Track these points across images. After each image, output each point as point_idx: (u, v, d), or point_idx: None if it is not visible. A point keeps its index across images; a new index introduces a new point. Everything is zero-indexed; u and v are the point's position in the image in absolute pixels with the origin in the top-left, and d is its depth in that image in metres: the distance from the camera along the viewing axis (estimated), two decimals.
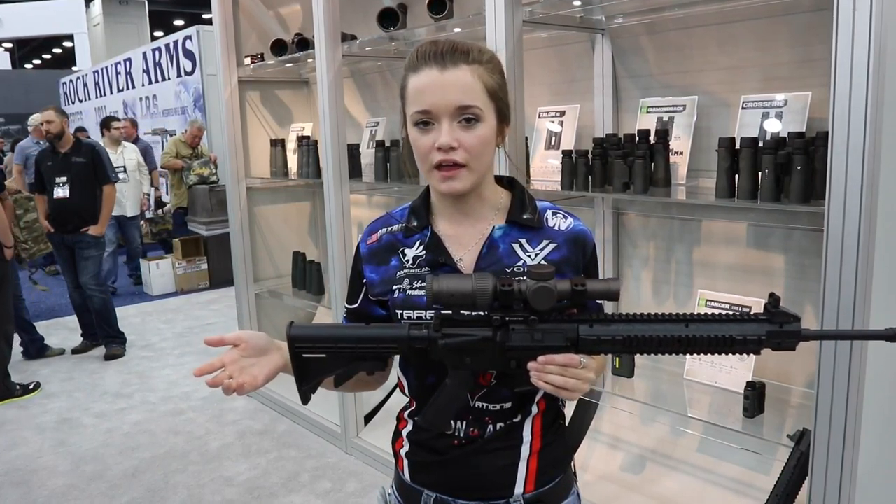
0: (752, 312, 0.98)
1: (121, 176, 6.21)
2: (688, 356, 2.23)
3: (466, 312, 1.04)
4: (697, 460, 2.44)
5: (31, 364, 4.83)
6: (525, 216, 1.12)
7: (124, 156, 6.54)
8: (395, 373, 1.22)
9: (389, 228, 1.18)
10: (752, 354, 0.98)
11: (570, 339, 0.99)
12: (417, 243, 1.14)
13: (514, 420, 1.13)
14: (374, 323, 1.09)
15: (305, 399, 1.09)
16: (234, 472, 3.16)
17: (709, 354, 0.98)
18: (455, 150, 1.03)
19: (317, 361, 1.04)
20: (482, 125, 1.04)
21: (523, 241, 1.12)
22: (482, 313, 1.01)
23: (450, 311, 1.03)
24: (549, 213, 1.15)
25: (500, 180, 1.18)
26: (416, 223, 1.15)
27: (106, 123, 6.62)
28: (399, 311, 1.11)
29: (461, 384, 1.04)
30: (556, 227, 1.13)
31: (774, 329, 0.95)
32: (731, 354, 0.97)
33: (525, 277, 0.98)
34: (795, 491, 1.80)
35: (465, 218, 1.13)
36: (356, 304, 1.20)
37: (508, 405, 1.11)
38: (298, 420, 3.61)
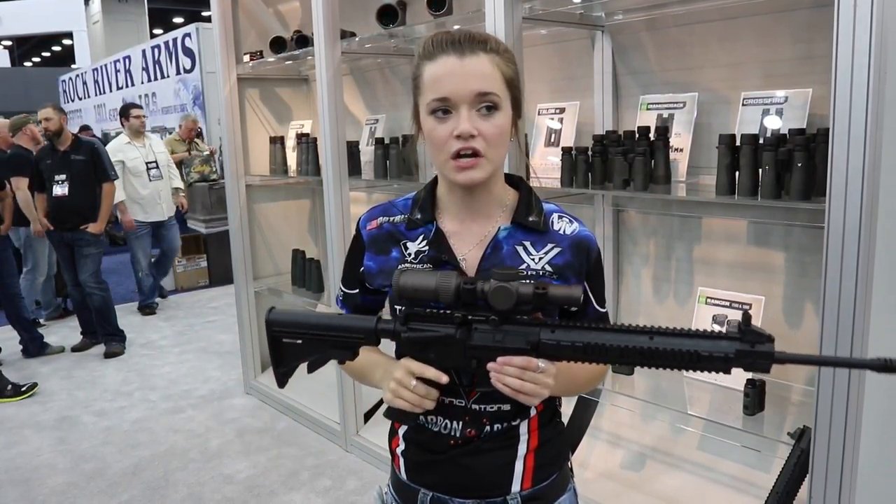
0: (725, 330, 0.93)
1: (153, 173, 5.68)
2: None
3: (436, 309, 1.04)
4: (698, 458, 2.44)
5: (31, 362, 4.83)
6: (531, 218, 1.11)
7: (154, 149, 5.77)
8: None
9: (391, 218, 1.17)
10: (721, 373, 0.93)
11: (531, 343, 0.98)
12: (420, 237, 1.13)
13: (512, 419, 1.12)
14: (365, 312, 1.11)
15: (281, 383, 1.13)
16: (233, 469, 3.16)
17: (672, 369, 0.95)
18: (474, 139, 1.01)
19: (293, 346, 1.09)
20: (500, 114, 1.03)
21: (527, 243, 1.10)
22: (449, 311, 1.02)
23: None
24: (555, 216, 1.14)
25: (507, 179, 1.17)
26: (420, 216, 1.14)
27: (125, 112, 5.77)
28: (397, 308, 1.10)
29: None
30: (561, 231, 1.12)
31: (745, 348, 0.90)
32: (698, 371, 0.94)
33: (491, 280, 0.98)
34: (796, 488, 1.80)
35: (471, 214, 1.12)
36: (356, 290, 1.21)
37: (507, 407, 1.11)
38: (298, 418, 3.61)
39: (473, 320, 1.00)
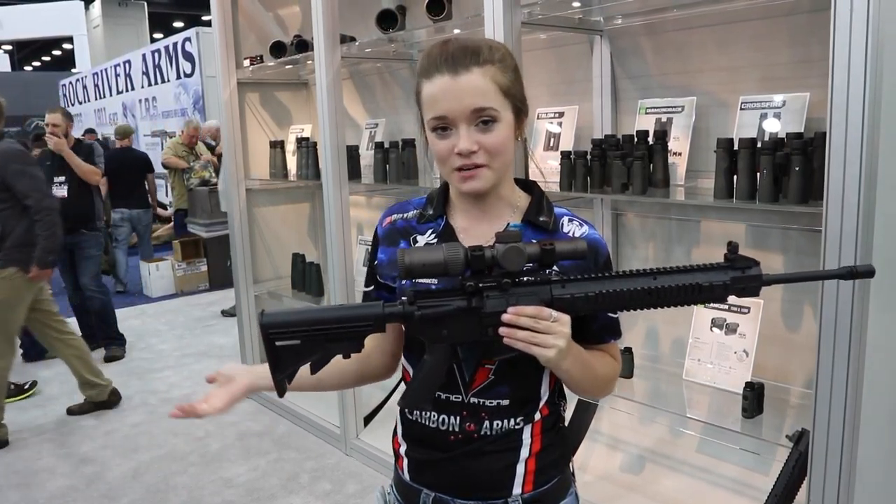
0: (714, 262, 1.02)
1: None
2: (687, 358, 2.23)
3: (441, 284, 1.06)
4: (696, 460, 2.44)
5: (31, 367, 4.83)
6: (541, 218, 1.13)
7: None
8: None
9: (404, 214, 1.20)
10: (717, 302, 1.02)
11: (545, 301, 1.00)
12: (430, 231, 1.16)
13: (515, 421, 1.13)
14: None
15: (281, 391, 1.06)
16: (233, 473, 3.16)
17: (678, 305, 1.02)
18: (475, 153, 1.04)
19: (290, 349, 1.01)
20: (499, 125, 1.05)
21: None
22: (457, 285, 1.01)
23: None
24: (565, 219, 1.16)
25: (519, 183, 1.19)
26: (431, 212, 1.17)
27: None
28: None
29: (440, 359, 1.04)
30: (570, 234, 1.14)
31: (738, 274, 1.00)
32: (699, 304, 1.01)
33: (498, 244, 0.99)
34: (794, 491, 1.80)
35: (481, 214, 1.14)
36: (371, 287, 1.22)
37: (506, 402, 1.11)
38: (298, 421, 3.61)
39: (484, 287, 1.00)
